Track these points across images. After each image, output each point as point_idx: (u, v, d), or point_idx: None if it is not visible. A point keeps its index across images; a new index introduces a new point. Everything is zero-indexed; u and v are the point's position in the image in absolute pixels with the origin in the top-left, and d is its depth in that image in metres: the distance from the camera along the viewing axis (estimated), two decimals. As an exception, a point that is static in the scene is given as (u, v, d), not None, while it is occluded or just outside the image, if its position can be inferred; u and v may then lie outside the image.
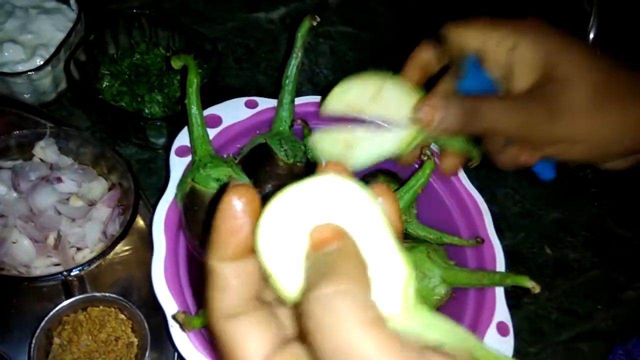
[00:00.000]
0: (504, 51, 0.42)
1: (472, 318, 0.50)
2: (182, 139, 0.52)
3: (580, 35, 0.63)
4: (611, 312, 0.68)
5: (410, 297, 0.20)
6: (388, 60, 0.80)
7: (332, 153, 0.55)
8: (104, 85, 0.63)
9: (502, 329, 0.49)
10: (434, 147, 0.54)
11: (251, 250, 0.23)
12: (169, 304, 0.43)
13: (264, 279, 0.23)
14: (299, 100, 0.57)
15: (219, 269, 0.23)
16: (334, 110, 0.49)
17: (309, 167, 0.54)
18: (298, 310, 0.20)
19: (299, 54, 0.53)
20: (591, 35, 0.62)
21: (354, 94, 0.48)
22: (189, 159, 0.51)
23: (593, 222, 0.74)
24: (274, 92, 0.58)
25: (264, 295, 0.25)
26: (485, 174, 0.72)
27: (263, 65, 0.76)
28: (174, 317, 0.40)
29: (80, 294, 0.52)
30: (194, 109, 0.48)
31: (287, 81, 0.54)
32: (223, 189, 0.25)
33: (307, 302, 0.19)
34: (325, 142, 0.55)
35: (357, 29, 0.83)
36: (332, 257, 0.20)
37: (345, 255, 0.21)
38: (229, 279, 0.23)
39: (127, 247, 0.57)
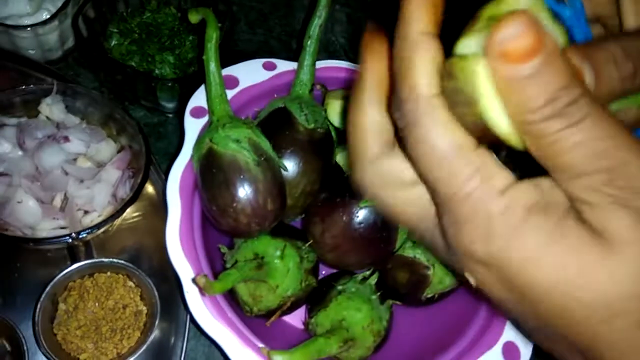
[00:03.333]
0: None
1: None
2: (198, 99, 0.49)
3: None
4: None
5: None
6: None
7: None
8: (113, 44, 0.60)
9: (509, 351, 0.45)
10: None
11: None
12: (184, 269, 0.41)
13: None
14: (318, 65, 0.54)
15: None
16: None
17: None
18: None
19: (323, 14, 0.51)
20: None
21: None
22: (204, 120, 0.48)
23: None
24: (289, 57, 0.55)
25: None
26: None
27: (277, 31, 0.73)
28: (193, 280, 0.38)
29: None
30: (212, 66, 0.46)
31: (309, 42, 0.51)
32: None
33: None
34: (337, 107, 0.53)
35: (375, -3, 0.79)
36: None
37: None
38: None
39: (136, 214, 0.55)
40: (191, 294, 0.40)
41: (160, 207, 0.53)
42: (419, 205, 0.24)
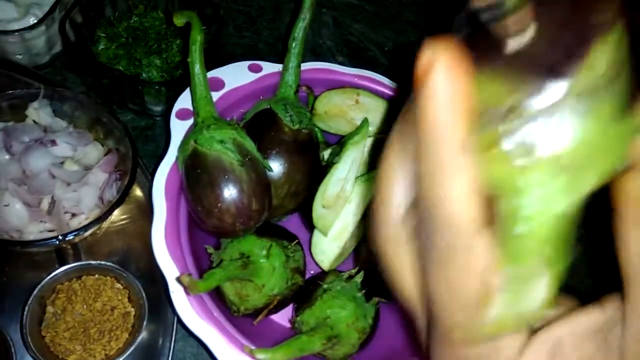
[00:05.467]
0: None
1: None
2: (184, 101, 0.49)
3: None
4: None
5: None
6: (392, 33, 0.78)
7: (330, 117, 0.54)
8: (100, 48, 0.61)
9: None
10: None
11: None
12: (170, 269, 0.41)
13: None
14: (303, 66, 0.55)
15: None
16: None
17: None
18: None
19: (307, 16, 0.51)
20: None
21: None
22: (190, 122, 0.49)
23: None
24: (276, 61, 0.56)
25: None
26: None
27: (265, 34, 0.73)
28: (178, 279, 0.39)
29: (74, 263, 0.50)
30: (197, 68, 0.46)
31: (294, 44, 0.52)
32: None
33: None
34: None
35: (362, 0, 0.80)
36: None
37: None
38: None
39: (124, 217, 0.55)
40: (177, 293, 0.40)
41: (148, 209, 0.53)
42: None
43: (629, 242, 0.19)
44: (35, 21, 0.58)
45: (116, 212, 0.55)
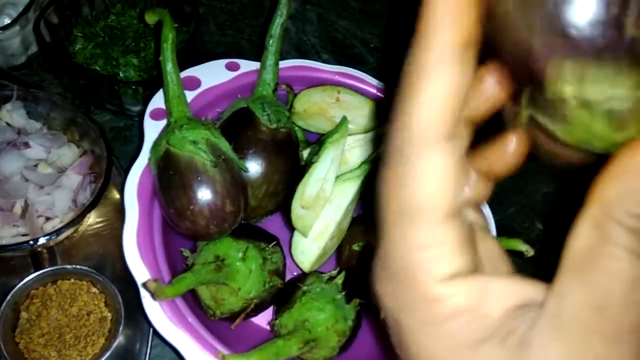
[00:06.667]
0: None
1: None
2: (158, 101, 0.48)
3: None
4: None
5: None
6: (379, 30, 0.77)
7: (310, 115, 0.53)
8: (77, 48, 0.60)
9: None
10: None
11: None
12: (141, 274, 0.40)
13: None
14: (283, 64, 0.54)
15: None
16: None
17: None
18: None
19: (284, 12, 0.50)
20: None
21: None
22: (164, 122, 0.48)
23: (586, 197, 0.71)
24: (258, 59, 0.54)
25: None
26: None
27: (247, 32, 0.72)
28: (144, 285, 0.37)
29: (50, 267, 0.49)
30: (169, 66, 0.45)
31: (270, 41, 0.51)
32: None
33: None
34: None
35: (347, -3, 0.79)
36: None
37: None
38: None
39: (100, 219, 0.54)
40: (148, 299, 0.39)
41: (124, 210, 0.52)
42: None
43: (578, 234, 0.19)
44: (10, 21, 0.56)
45: (93, 215, 0.54)
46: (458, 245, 0.19)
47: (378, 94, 0.56)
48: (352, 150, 0.52)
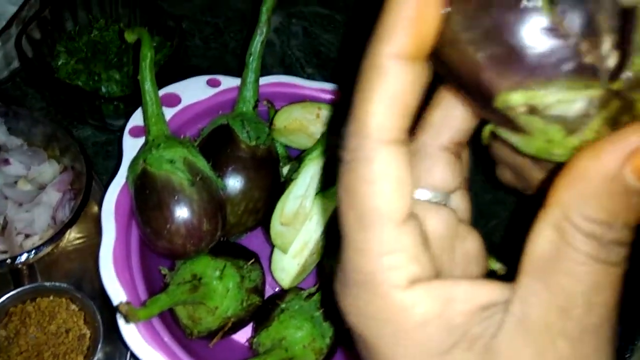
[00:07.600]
0: None
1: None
2: (137, 118, 0.48)
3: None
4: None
5: None
6: (363, 43, 0.78)
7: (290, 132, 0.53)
8: (60, 63, 0.60)
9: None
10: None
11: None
12: (117, 293, 0.40)
13: None
14: (264, 80, 0.54)
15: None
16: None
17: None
18: None
19: (264, 30, 0.51)
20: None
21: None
22: (143, 140, 0.48)
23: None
24: (241, 73, 0.55)
25: None
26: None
27: (232, 46, 0.73)
28: (117, 308, 0.37)
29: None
30: (147, 85, 0.45)
31: (250, 59, 0.51)
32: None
33: None
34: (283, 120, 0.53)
35: (332, 10, 0.80)
36: None
37: None
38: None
39: (80, 235, 0.54)
40: (123, 319, 0.39)
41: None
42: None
43: (539, 236, 0.19)
44: (-9, 37, 0.56)
45: (73, 230, 0.54)
46: (416, 249, 0.19)
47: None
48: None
